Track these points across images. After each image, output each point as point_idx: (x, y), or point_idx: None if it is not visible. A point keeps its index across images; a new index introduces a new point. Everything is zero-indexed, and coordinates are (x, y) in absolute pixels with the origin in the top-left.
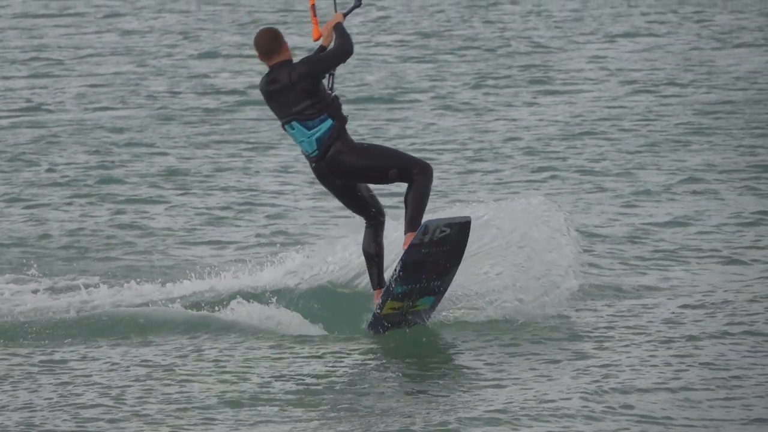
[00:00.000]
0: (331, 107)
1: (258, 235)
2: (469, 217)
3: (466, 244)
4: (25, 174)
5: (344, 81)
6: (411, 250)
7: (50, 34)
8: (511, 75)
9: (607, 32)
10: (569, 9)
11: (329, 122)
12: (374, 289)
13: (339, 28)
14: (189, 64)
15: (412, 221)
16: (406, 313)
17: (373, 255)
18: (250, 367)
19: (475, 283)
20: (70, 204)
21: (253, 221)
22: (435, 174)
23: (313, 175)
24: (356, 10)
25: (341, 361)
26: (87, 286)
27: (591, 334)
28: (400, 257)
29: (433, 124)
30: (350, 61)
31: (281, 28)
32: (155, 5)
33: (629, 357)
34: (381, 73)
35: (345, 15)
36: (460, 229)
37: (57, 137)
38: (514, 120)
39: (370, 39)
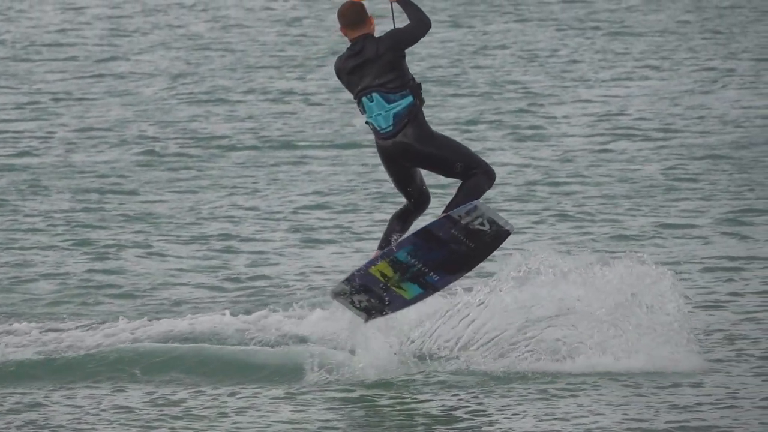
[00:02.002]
0: (413, 85)
1: (238, 280)
2: (510, 230)
3: (489, 254)
4: (7, 218)
5: (334, 124)
6: (442, 221)
7: (41, 77)
8: (500, 119)
9: (598, 77)
10: (558, 53)
11: (410, 99)
12: (378, 248)
13: (408, 3)
14: (177, 108)
15: (455, 207)
16: (386, 289)
17: (395, 227)
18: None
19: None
20: (52, 248)
21: (235, 267)
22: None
23: (299, 223)
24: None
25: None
26: (73, 328)
27: None
28: (424, 224)
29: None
30: (338, 105)
31: (282, 70)
32: (146, 48)
33: None
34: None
35: None
36: (497, 234)
37: (39, 180)
38: (503, 165)
39: None
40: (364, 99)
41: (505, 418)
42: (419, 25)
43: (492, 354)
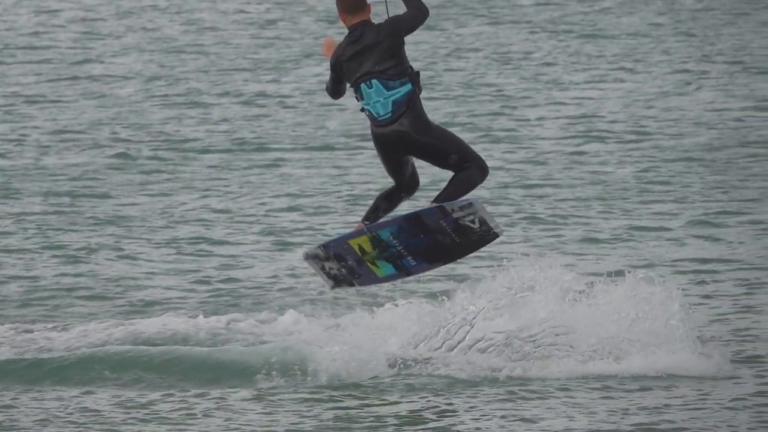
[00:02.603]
0: (412, 73)
1: (209, 283)
2: (499, 234)
3: (472, 252)
4: None
5: (307, 127)
6: (433, 210)
7: (15, 80)
8: (473, 122)
9: (571, 79)
10: (532, 55)
11: (409, 86)
12: (361, 221)
13: None
14: (150, 110)
15: (445, 199)
16: (360, 263)
17: (382, 205)
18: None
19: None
20: (24, 251)
21: (207, 269)
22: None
23: (272, 225)
24: None
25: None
26: (43, 330)
27: None
28: (415, 209)
29: None
30: (312, 108)
31: (258, 71)
32: (120, 51)
33: None
34: (344, 116)
35: None
36: (485, 235)
37: (11, 183)
38: None
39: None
40: (362, 86)
41: (472, 419)
42: (418, 14)
43: (465, 357)
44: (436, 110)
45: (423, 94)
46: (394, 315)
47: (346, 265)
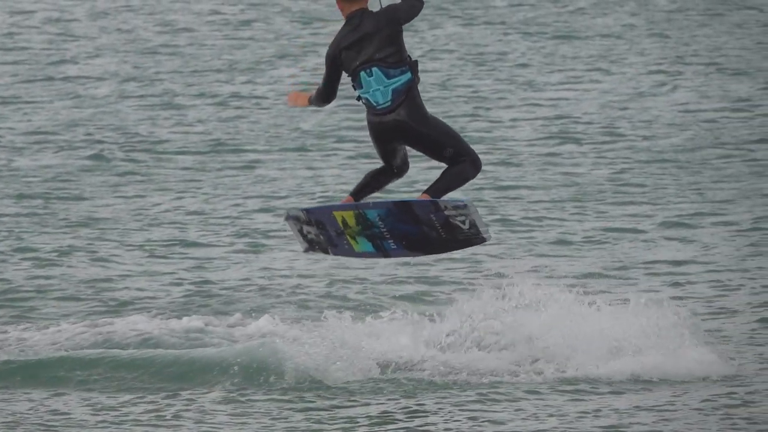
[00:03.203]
0: (411, 62)
1: (183, 285)
2: (486, 239)
3: (454, 250)
4: None
5: (282, 128)
6: (426, 203)
7: None
8: (447, 123)
9: (545, 80)
10: (506, 56)
11: (408, 75)
12: (349, 195)
13: None
14: (125, 111)
15: (437, 190)
16: (340, 234)
17: (371, 183)
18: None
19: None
20: None
21: (180, 271)
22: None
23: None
24: None
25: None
26: (14, 332)
27: None
28: (408, 199)
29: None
30: (286, 109)
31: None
32: (94, 52)
33: None
34: (318, 117)
35: None
36: (472, 237)
37: None
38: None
39: (310, 88)
40: (362, 73)
41: (443, 420)
42: (416, 3)
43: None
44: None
45: None
46: (369, 324)
47: (325, 232)
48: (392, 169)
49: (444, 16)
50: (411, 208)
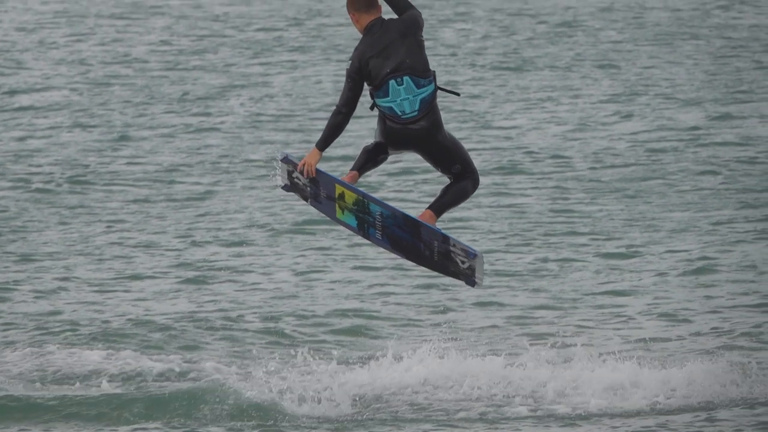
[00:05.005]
0: (433, 72)
1: (124, 316)
2: (477, 286)
3: (438, 272)
4: None
5: (231, 160)
6: (434, 231)
7: None
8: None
9: (495, 111)
10: (457, 87)
11: (433, 86)
12: (352, 170)
13: None
14: (71, 143)
15: (441, 207)
16: (331, 200)
17: (370, 158)
18: None
19: None
20: None
21: (122, 304)
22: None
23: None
24: None
25: None
26: None
27: None
28: (418, 217)
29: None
30: (236, 140)
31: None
32: (41, 82)
33: None
34: (267, 149)
35: None
36: (463, 276)
37: None
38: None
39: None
40: (391, 82)
41: None
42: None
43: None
44: (365, 143)
45: (351, 131)
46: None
47: (315, 189)
48: (387, 151)
49: None
50: (418, 227)
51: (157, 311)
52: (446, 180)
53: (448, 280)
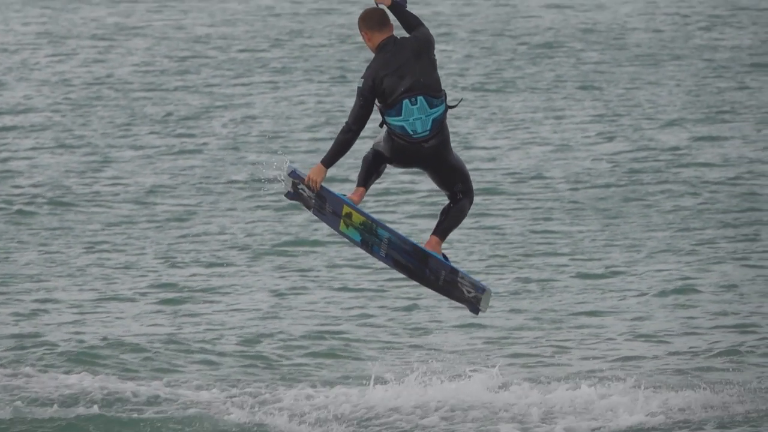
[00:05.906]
0: (444, 92)
1: (105, 339)
2: (479, 311)
3: (441, 295)
4: None
5: (213, 181)
6: (444, 263)
7: None
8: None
9: (476, 134)
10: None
11: (444, 106)
12: (359, 186)
13: (406, 10)
14: (50, 162)
15: (444, 231)
16: (336, 216)
17: (373, 169)
18: None
19: None
20: None
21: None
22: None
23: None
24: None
25: None
26: None
27: None
28: (424, 246)
29: None
30: (216, 161)
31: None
32: (21, 101)
33: None
34: (249, 169)
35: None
36: (464, 300)
37: None
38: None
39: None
40: (405, 101)
41: None
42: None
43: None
44: (343, 166)
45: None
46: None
47: (321, 203)
48: (388, 160)
49: None
50: (425, 256)
51: (137, 332)
52: (439, 189)
53: (429, 301)
